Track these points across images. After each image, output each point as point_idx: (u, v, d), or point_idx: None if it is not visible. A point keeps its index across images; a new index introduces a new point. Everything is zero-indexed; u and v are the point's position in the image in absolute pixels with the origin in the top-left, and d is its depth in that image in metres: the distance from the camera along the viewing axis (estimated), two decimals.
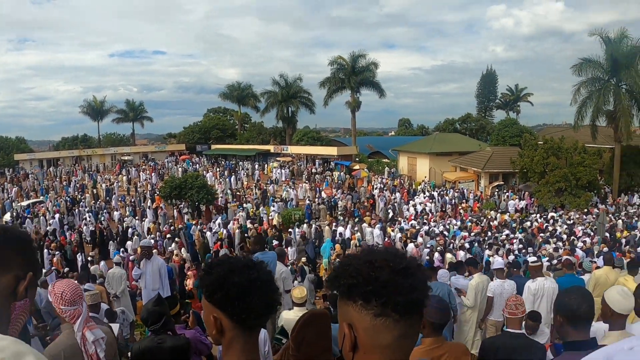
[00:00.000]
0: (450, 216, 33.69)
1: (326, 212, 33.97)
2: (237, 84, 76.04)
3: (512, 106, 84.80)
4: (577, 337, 3.26)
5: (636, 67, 37.82)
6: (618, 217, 31.81)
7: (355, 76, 59.40)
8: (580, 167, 35.73)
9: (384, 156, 63.93)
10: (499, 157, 45.00)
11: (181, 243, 24.86)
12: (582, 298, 3.32)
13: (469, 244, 23.36)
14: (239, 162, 59.53)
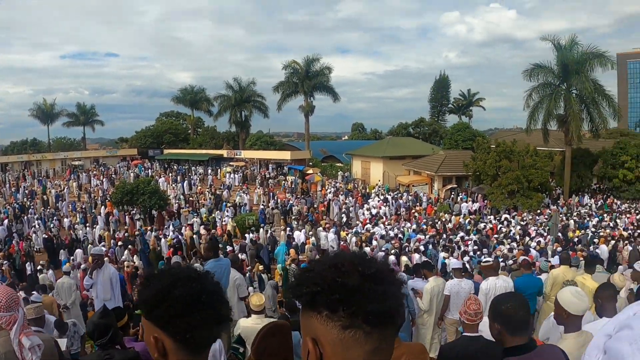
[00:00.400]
0: (405, 219, 33.87)
1: (280, 216, 33.74)
2: (190, 87, 75.74)
3: (465, 111, 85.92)
4: (516, 343, 3.23)
5: (586, 73, 38.92)
6: (570, 218, 32.60)
7: (309, 80, 59.50)
8: (532, 169, 36.44)
9: (337, 160, 64.02)
10: (452, 160, 45.39)
11: (134, 250, 24.36)
12: (518, 305, 3.30)
13: (423, 247, 23.37)
14: (192, 167, 58.92)
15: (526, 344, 3.22)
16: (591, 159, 44.74)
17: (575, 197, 41.69)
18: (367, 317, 1.36)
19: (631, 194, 41.83)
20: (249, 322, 7.44)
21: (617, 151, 43.18)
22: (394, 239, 24.99)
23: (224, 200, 38.57)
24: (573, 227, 30.02)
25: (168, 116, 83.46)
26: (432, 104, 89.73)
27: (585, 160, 44.03)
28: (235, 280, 9.92)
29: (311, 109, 62.63)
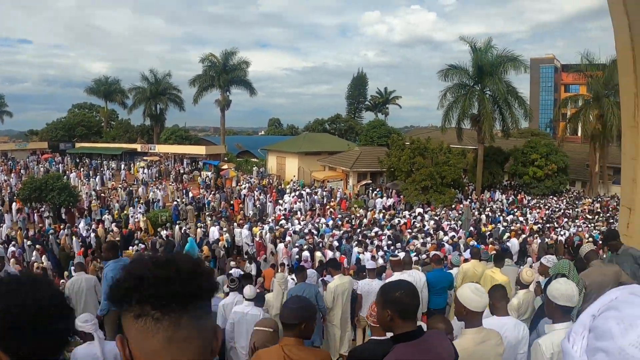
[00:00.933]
0: (319, 215, 34.23)
1: (194, 213, 33.52)
2: (104, 78, 73.47)
3: (381, 108, 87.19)
4: (405, 329, 3.31)
5: (500, 75, 40.72)
6: (482, 212, 33.78)
7: (226, 74, 59.24)
8: (445, 166, 37.41)
9: (253, 156, 63.96)
10: (367, 156, 46.07)
11: (42, 250, 23.50)
12: (411, 293, 3.39)
13: (337, 242, 23.63)
14: (104, 161, 57.50)
15: (415, 330, 3.32)
16: (503, 157, 46.81)
17: (487, 193, 43.31)
18: (153, 302, 1.37)
19: (540, 190, 43.90)
20: None
21: (527, 150, 45.28)
22: (307, 234, 25.21)
23: (137, 196, 37.85)
24: (485, 222, 31.20)
25: (81, 108, 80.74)
26: (349, 101, 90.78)
27: (497, 158, 45.94)
28: None
29: (227, 103, 62.33)
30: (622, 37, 7.75)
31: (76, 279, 9.99)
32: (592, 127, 43.65)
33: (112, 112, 78.15)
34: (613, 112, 40.12)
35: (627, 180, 8.05)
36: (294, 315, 4.18)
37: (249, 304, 8.50)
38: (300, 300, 4.46)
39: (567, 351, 1.41)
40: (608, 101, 41.63)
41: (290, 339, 4.14)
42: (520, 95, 43.85)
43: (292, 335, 4.15)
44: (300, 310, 4.22)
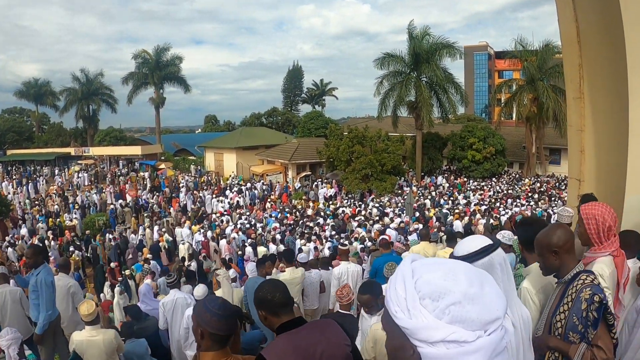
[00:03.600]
0: (259, 209, 34.11)
1: (132, 215, 32.96)
2: (34, 80, 71.34)
3: (318, 100, 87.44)
4: (284, 320, 3.28)
5: (436, 62, 41.08)
6: (425, 198, 34.18)
7: (159, 71, 58.69)
8: (384, 153, 37.60)
9: (190, 154, 63.31)
10: (306, 148, 46.12)
11: None
12: (273, 288, 3.38)
13: (280, 235, 23.65)
14: (38, 167, 55.99)
15: (294, 319, 3.28)
16: (441, 142, 47.37)
17: (427, 178, 43.85)
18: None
19: (480, 172, 44.48)
20: (83, 335, 6.90)
21: (465, 134, 45.82)
22: (249, 229, 25.18)
23: (73, 201, 36.94)
24: (429, 206, 31.60)
25: (11, 113, 77.98)
26: (285, 94, 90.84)
27: (435, 144, 46.51)
28: (68, 288, 9.26)
29: (162, 100, 61.67)
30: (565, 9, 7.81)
31: (0, 292, 9.40)
32: (528, 110, 44.51)
33: (43, 115, 76.23)
34: (548, 94, 41.07)
35: (575, 152, 8.08)
36: (226, 326, 3.38)
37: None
38: (225, 307, 3.48)
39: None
40: (542, 84, 42.56)
41: (214, 354, 3.39)
42: (456, 81, 44.51)
43: (219, 348, 3.40)
44: (233, 317, 3.48)
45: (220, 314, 3.33)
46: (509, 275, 2.73)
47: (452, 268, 1.45)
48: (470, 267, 1.49)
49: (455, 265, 1.47)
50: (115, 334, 7.11)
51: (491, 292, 1.42)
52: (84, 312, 6.93)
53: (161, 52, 59.53)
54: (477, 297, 1.38)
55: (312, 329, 3.28)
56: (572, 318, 3.38)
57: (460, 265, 1.48)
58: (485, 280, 1.45)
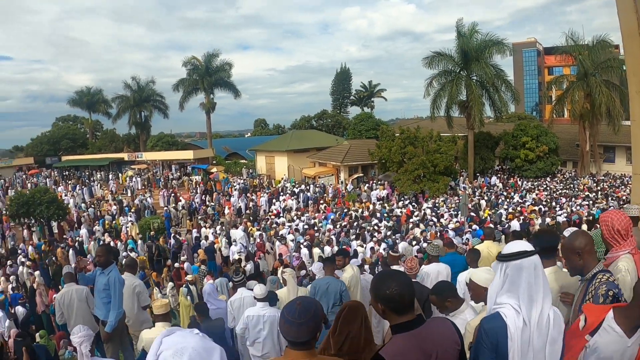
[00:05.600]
0: (313, 211, 33.89)
1: (187, 217, 33.12)
2: (86, 89, 72.98)
3: (367, 102, 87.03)
4: (403, 320, 3.11)
5: (485, 59, 40.31)
6: (481, 198, 33.54)
7: (209, 77, 58.95)
8: (436, 154, 36.95)
9: (241, 157, 63.46)
10: (357, 150, 45.73)
11: (33, 265, 23.10)
12: (402, 288, 3.12)
13: (334, 237, 23.46)
14: (93, 172, 56.96)
15: (413, 319, 3.11)
16: (493, 142, 46.63)
17: (480, 179, 43.06)
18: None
19: (533, 172, 43.71)
20: (153, 332, 6.81)
21: (517, 133, 45.11)
22: (309, 230, 25.10)
23: (128, 205, 37.34)
24: (484, 207, 30.95)
25: (65, 121, 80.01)
26: (334, 96, 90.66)
27: (487, 143, 45.79)
28: (134, 288, 9.15)
29: (212, 106, 62.04)
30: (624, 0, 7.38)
31: (66, 290, 9.29)
32: (580, 107, 43.47)
33: (96, 122, 77.94)
34: (601, 90, 40.09)
35: (639, 148, 7.69)
36: (302, 333, 3.20)
37: (263, 304, 7.75)
38: (306, 309, 3.26)
39: None
40: (595, 80, 41.51)
41: (297, 353, 3.23)
42: (506, 78, 43.76)
43: (301, 349, 3.23)
44: (311, 323, 3.23)
45: (293, 321, 3.20)
46: (536, 277, 3.27)
47: (183, 348, 1.91)
48: (198, 348, 1.95)
49: (187, 346, 1.93)
50: None
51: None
52: (157, 308, 6.91)
53: (210, 58, 59.89)
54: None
55: (430, 329, 3.15)
56: None
57: (191, 345, 1.94)
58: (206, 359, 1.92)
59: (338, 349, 4.26)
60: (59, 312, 9.37)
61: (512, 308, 3.27)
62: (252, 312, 7.74)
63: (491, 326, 3.31)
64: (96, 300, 8.50)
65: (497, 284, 3.42)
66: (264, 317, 7.58)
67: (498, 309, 3.34)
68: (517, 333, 3.21)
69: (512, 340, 3.21)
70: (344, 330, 4.30)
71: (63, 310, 9.27)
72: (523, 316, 3.22)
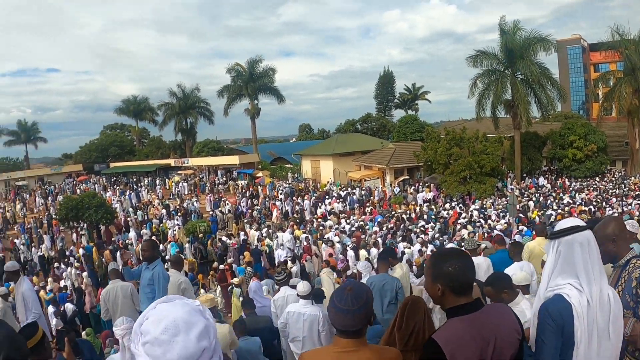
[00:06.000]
0: (359, 214, 33.63)
1: (233, 221, 33.20)
2: (133, 97, 74.24)
3: (411, 105, 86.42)
4: (460, 302, 2.91)
5: (530, 57, 39.43)
6: (529, 199, 32.85)
7: (253, 82, 59.24)
8: (483, 155, 36.34)
9: (286, 162, 63.71)
10: (402, 152, 45.36)
11: (81, 267, 23.45)
12: (465, 266, 2.96)
13: (381, 239, 23.32)
14: (140, 177, 57.76)
15: (471, 302, 2.92)
16: (540, 141, 45.73)
17: (528, 180, 42.15)
18: None
19: (582, 172, 42.64)
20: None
21: (565, 132, 44.04)
22: (356, 232, 25.04)
23: (175, 209, 37.68)
24: (533, 208, 30.31)
25: (112, 129, 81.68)
26: (377, 100, 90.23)
27: (534, 143, 44.89)
28: (179, 284, 8.94)
29: (257, 111, 62.32)
30: None
31: (111, 287, 9.33)
32: (629, 104, 42.25)
33: (143, 130, 79.32)
34: None
35: None
36: (356, 321, 3.03)
37: (306, 302, 7.54)
38: (358, 295, 3.07)
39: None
40: None
41: (347, 341, 3.07)
42: (552, 76, 42.87)
43: (351, 337, 3.07)
44: (364, 309, 3.06)
45: (345, 309, 3.01)
46: (590, 254, 3.13)
47: (165, 317, 1.88)
48: (177, 320, 1.87)
49: (170, 317, 1.88)
50: (229, 328, 6.95)
51: (180, 341, 1.84)
52: (203, 303, 6.53)
53: (254, 64, 60.16)
54: (163, 342, 1.82)
55: (489, 314, 2.95)
56: (625, 297, 3.62)
57: (175, 316, 1.88)
58: (184, 330, 1.86)
59: (404, 344, 4.12)
60: (104, 308, 9.44)
61: (574, 287, 3.11)
62: (293, 309, 7.59)
63: (556, 307, 3.11)
64: (141, 296, 8.47)
65: (550, 264, 3.26)
66: (304, 316, 7.41)
67: (558, 291, 3.16)
68: (583, 312, 3.05)
69: (578, 320, 3.05)
70: (410, 325, 4.18)
71: (108, 306, 9.29)
72: (586, 295, 3.08)
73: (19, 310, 8.95)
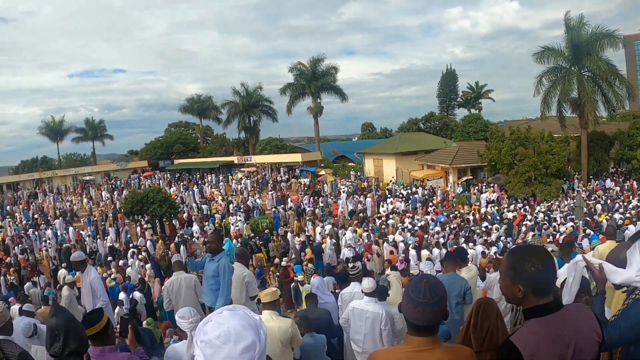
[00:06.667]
0: (422, 213, 33.27)
1: (294, 218, 33.26)
2: (197, 96, 75.60)
3: (474, 103, 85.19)
4: (540, 302, 2.79)
5: (597, 53, 38.09)
6: (597, 202, 31.96)
7: (315, 81, 59.16)
8: (548, 155, 35.56)
9: (349, 160, 63.44)
10: (466, 152, 44.75)
11: (144, 259, 23.88)
12: (548, 266, 2.80)
13: (443, 239, 23.19)
14: (204, 174, 58.60)
15: (550, 302, 2.80)
16: (607, 142, 44.09)
17: (595, 182, 40.86)
18: None
19: None
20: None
21: (633, 132, 42.57)
22: (418, 231, 24.91)
23: (238, 205, 38.03)
24: (600, 211, 29.40)
25: (177, 126, 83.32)
26: (440, 98, 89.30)
27: (601, 144, 43.35)
28: (243, 277, 8.94)
29: (320, 109, 62.24)
30: None
31: (175, 278, 9.43)
32: None
33: (207, 128, 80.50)
34: None
35: None
36: (434, 315, 2.88)
37: (370, 299, 7.41)
38: (435, 288, 2.91)
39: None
40: None
41: (420, 340, 2.92)
42: (620, 73, 41.19)
43: (425, 335, 2.92)
44: (442, 303, 2.91)
45: (423, 302, 2.85)
46: None
47: (221, 324, 2.14)
48: (231, 330, 2.12)
49: (226, 326, 2.14)
50: (292, 323, 6.79)
51: (227, 349, 2.09)
52: (265, 296, 6.77)
53: (316, 63, 60.08)
54: (214, 346, 2.08)
55: (567, 316, 2.80)
56: None
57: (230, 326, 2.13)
58: (233, 341, 2.11)
59: (479, 345, 4.17)
60: (167, 299, 9.50)
61: None
62: (356, 305, 7.53)
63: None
64: (204, 287, 8.46)
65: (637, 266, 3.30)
66: (367, 313, 7.34)
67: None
68: None
69: None
70: (485, 326, 4.24)
71: (171, 297, 9.37)
72: None
73: (85, 299, 9.07)
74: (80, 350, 3.87)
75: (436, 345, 2.94)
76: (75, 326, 3.97)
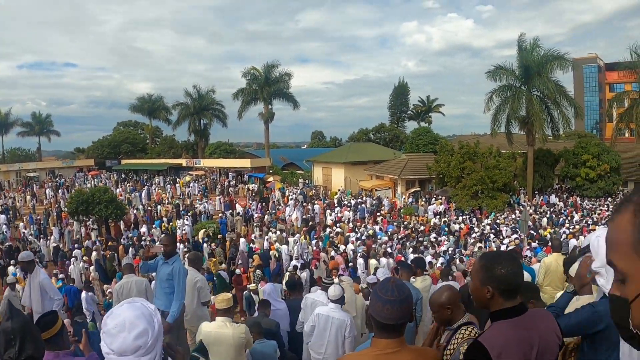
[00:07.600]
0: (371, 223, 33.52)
1: (242, 223, 33.08)
2: (148, 96, 74.80)
3: (424, 117, 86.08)
4: (507, 305, 2.88)
5: (547, 74, 39.37)
6: (543, 216, 32.81)
7: (268, 87, 59.17)
8: (495, 170, 36.37)
9: (298, 168, 63.55)
10: (415, 164, 45.38)
11: (89, 261, 23.38)
12: (517, 270, 2.92)
13: (390, 249, 23.38)
14: (151, 176, 57.84)
15: (517, 306, 2.88)
16: (553, 159, 45.62)
17: (540, 197, 42.00)
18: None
19: (593, 192, 42.50)
20: (212, 326, 6.66)
21: (578, 150, 43.90)
22: (368, 240, 25.12)
23: (185, 209, 37.65)
24: (546, 225, 30.18)
25: (126, 126, 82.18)
26: (391, 110, 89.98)
27: (547, 160, 44.81)
28: (195, 282, 8.92)
29: (271, 116, 62.20)
30: None
31: (125, 281, 9.30)
32: None
33: (156, 129, 79.54)
34: None
35: None
36: (403, 312, 2.94)
37: (336, 306, 7.45)
38: (401, 286, 3.03)
39: None
40: None
41: (387, 342, 2.98)
42: (568, 94, 42.99)
43: (392, 337, 2.98)
44: (409, 301, 3.00)
45: (392, 299, 2.94)
46: None
47: (118, 315, 2.48)
48: (125, 320, 2.45)
49: (122, 317, 2.47)
50: (246, 329, 6.80)
51: (122, 337, 2.42)
52: (220, 302, 6.79)
53: (270, 68, 60.09)
54: (111, 334, 2.42)
55: (533, 319, 2.91)
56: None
57: (125, 317, 2.46)
58: (127, 329, 2.43)
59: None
60: (117, 302, 9.13)
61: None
62: (322, 311, 7.49)
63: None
64: (157, 291, 8.27)
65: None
66: (332, 319, 7.31)
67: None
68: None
69: None
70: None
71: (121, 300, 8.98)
72: None
73: (33, 300, 8.70)
74: (35, 356, 3.73)
75: (403, 347, 3.01)
76: (31, 330, 3.83)
